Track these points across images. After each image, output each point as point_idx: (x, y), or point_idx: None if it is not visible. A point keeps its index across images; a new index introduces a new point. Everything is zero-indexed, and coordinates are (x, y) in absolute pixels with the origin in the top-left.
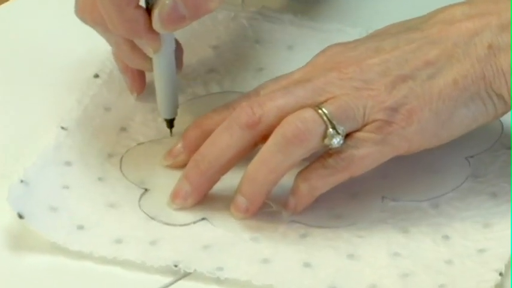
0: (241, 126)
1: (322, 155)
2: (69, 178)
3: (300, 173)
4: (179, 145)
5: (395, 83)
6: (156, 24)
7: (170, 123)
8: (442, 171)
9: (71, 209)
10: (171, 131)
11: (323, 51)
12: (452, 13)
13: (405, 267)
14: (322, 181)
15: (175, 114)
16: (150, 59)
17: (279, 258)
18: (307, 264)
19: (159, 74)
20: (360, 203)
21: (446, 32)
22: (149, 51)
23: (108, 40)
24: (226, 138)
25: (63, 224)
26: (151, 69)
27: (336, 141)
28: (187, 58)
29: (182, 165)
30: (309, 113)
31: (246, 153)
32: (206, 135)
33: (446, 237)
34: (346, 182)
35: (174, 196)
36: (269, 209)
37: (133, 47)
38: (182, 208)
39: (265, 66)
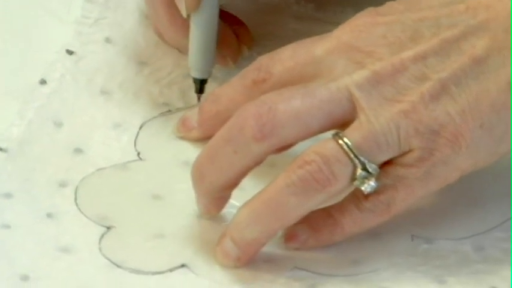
0: (247, 141)
1: (355, 193)
2: (9, 215)
3: (326, 210)
4: (195, 116)
5: (434, 92)
6: None
7: (200, 86)
8: (487, 202)
9: (13, 255)
10: (198, 98)
11: (348, 23)
12: None
13: None
14: (357, 227)
15: (208, 74)
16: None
17: None
18: None
19: (196, 35)
20: (383, 244)
21: (494, 10)
22: (182, 8)
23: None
24: (227, 155)
25: (3, 275)
26: (185, 52)
27: (369, 186)
28: (158, 58)
29: (194, 140)
30: (331, 150)
31: (256, 166)
32: (220, 115)
33: None
34: None
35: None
36: None
37: (172, 14)
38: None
39: None
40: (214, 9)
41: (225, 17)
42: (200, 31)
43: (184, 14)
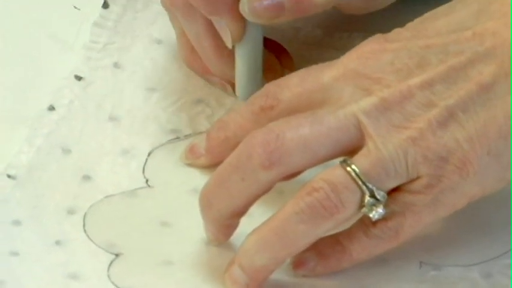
0: (254, 169)
1: (363, 220)
2: (18, 242)
3: (335, 236)
4: (203, 143)
5: (441, 119)
6: (243, 6)
7: None
8: (495, 229)
9: (21, 282)
10: None
11: (355, 49)
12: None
13: None
14: (366, 253)
15: None
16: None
17: None
18: None
19: (241, 65)
20: (392, 270)
21: (501, 37)
22: (228, 39)
23: (187, 30)
24: (235, 182)
25: None
26: (230, 89)
27: (377, 213)
28: (167, 84)
29: (203, 167)
30: (338, 177)
31: (264, 194)
32: (228, 142)
33: None
34: None
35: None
36: None
37: (217, 45)
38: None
39: None
40: (259, 38)
41: (268, 44)
42: (246, 60)
43: (229, 45)
